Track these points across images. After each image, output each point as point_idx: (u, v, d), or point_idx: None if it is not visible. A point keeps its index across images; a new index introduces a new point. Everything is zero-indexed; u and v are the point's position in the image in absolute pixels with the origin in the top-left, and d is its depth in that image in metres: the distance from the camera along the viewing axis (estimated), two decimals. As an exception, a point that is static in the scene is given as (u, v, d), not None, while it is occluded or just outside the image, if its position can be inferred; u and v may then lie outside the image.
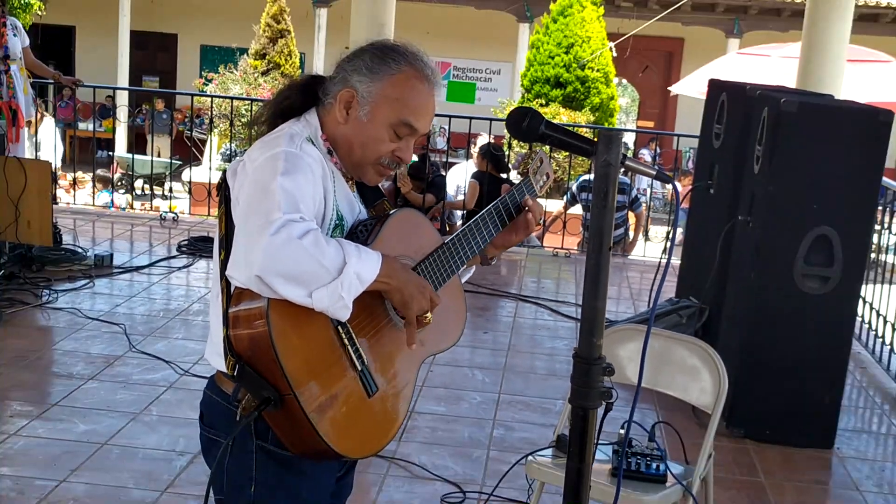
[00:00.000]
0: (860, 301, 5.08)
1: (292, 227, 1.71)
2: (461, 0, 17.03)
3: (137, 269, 6.68)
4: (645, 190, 11.29)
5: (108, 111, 16.34)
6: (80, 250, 6.75)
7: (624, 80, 17.63)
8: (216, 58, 17.16)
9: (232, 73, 14.61)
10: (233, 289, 1.81)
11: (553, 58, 13.89)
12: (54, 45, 16.70)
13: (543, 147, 2.10)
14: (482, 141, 8.94)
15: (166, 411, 4.33)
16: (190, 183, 11.15)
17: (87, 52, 18.37)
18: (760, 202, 4.48)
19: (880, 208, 5.71)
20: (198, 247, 7.24)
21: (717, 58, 13.83)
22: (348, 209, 1.97)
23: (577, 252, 8.55)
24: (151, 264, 6.81)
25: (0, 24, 6.83)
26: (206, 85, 14.82)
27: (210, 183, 10.14)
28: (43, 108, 13.73)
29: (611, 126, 13.69)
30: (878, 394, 5.38)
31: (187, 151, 14.99)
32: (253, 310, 1.78)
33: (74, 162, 12.59)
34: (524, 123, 1.82)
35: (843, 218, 4.37)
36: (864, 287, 5.15)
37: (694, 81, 12.39)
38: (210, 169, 12.17)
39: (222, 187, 1.93)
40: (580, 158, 10.25)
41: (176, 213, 8.77)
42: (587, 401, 1.67)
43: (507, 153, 9.65)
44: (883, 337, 5.78)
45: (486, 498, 3.59)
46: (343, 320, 1.81)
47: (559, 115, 13.28)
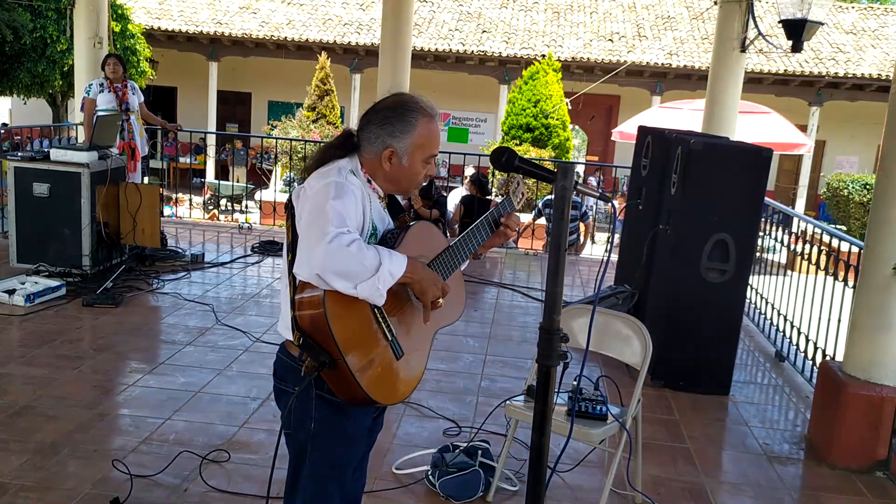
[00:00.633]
0: (748, 287, 5.07)
1: (342, 238, 1.72)
2: (459, 68, 17.05)
3: (222, 264, 6.66)
4: (592, 206, 11.27)
5: (200, 149, 16.34)
6: (180, 250, 6.75)
7: (577, 126, 17.55)
8: (279, 110, 17.10)
9: (291, 121, 14.57)
10: (297, 282, 1.81)
11: (525, 110, 13.82)
12: (162, 101, 16.63)
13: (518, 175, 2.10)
14: (468, 171, 8.93)
15: (243, 368, 4.32)
16: (260, 201, 11.14)
17: (186, 105, 18.34)
18: (676, 215, 4.48)
19: (763, 220, 5.70)
20: (266, 248, 7.20)
21: (645, 110, 13.81)
22: (380, 221, 1.97)
23: (542, 252, 8.54)
24: (232, 261, 6.79)
25: (123, 86, 6.85)
26: (272, 130, 14.79)
27: (275, 201, 10.16)
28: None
29: (566, 160, 13.64)
30: (761, 355, 5.37)
31: (258, 178, 15.03)
32: (313, 297, 1.78)
33: (177, 186, 12.58)
34: (503, 158, 1.81)
35: (736, 227, 4.37)
36: (751, 277, 5.16)
37: (628, 127, 12.36)
38: (275, 191, 12.19)
39: (289, 206, 1.92)
40: (544, 184, 10.26)
41: (250, 224, 8.74)
42: (549, 361, 1.67)
43: (491, 180, 9.62)
44: (764, 313, 5.78)
45: (475, 431, 3.57)
46: (379, 305, 1.81)
47: (529, 151, 13.22)
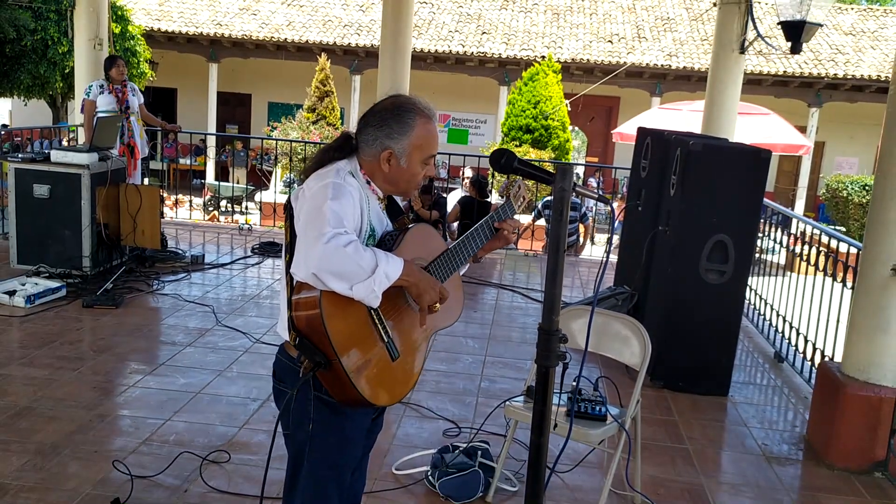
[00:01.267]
0: (747, 288, 5.07)
1: (339, 238, 1.71)
2: (458, 69, 17.03)
3: (222, 265, 6.66)
4: (591, 208, 11.25)
5: (200, 150, 16.33)
6: (180, 252, 6.74)
7: (576, 128, 17.56)
8: (279, 111, 17.09)
9: (291, 122, 14.57)
10: (295, 282, 1.81)
11: (524, 111, 13.81)
12: (162, 102, 16.63)
13: (518, 178, 2.10)
14: (467, 173, 8.94)
15: (243, 369, 4.32)
16: (260, 202, 11.14)
17: (185, 107, 18.34)
18: (675, 216, 4.48)
19: (762, 221, 5.70)
20: (266, 249, 7.20)
21: (644, 111, 13.82)
22: (378, 223, 1.97)
23: (542, 253, 8.54)
24: (232, 262, 6.78)
25: (123, 87, 6.85)
26: (272, 131, 14.78)
27: (275, 203, 10.15)
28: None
29: (566, 161, 13.64)
30: (760, 356, 5.36)
31: (258, 180, 15.03)
32: (310, 298, 1.77)
33: (177, 187, 12.57)
34: (502, 160, 1.82)
35: (735, 228, 4.36)
36: (750, 278, 5.16)
37: (627, 128, 12.38)
38: (275, 192, 12.17)
39: (287, 207, 1.92)
40: (544, 185, 10.24)
41: (250, 225, 8.73)
42: (548, 361, 1.67)
43: (491, 182, 9.62)
44: (763, 314, 5.78)
45: (475, 432, 3.57)
46: (374, 307, 1.81)
47: (529, 153, 13.21)
